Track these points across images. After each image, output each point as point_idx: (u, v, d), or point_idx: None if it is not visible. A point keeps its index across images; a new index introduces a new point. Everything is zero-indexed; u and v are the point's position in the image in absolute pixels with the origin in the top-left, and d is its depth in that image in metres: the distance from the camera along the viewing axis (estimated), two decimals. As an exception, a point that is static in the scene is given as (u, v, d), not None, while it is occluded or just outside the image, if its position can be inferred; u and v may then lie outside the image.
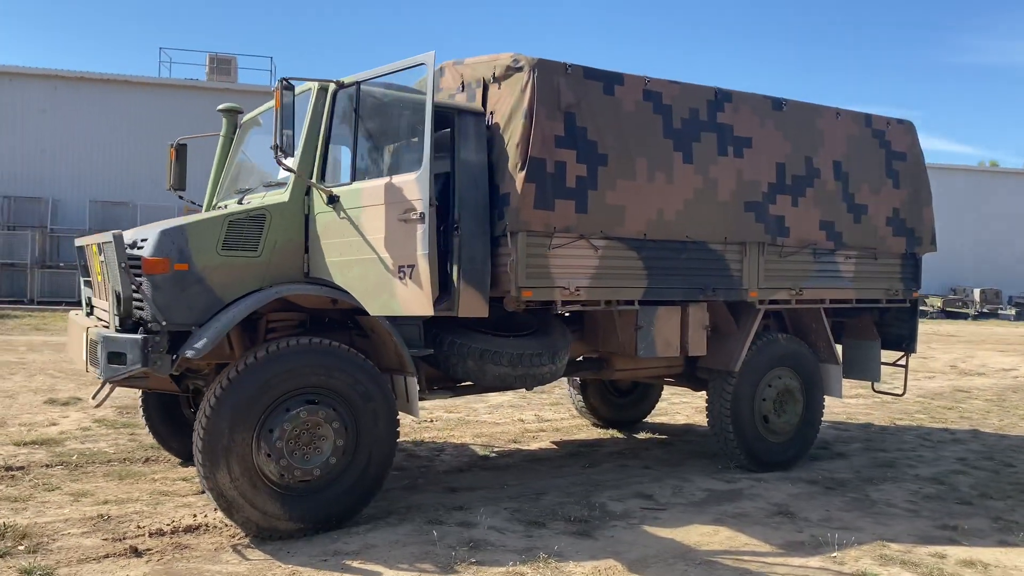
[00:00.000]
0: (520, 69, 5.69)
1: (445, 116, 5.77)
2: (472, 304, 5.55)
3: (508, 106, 5.71)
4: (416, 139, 5.24)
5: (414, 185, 4.66)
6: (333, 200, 5.03)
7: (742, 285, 6.65)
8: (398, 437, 5.33)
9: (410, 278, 4.64)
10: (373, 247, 4.82)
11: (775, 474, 6.88)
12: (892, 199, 7.51)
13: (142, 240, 4.90)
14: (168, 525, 5.09)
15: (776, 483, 6.62)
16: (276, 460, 4.81)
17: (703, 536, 5.31)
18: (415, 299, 4.64)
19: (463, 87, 6.25)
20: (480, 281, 5.56)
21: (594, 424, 8.73)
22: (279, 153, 4.69)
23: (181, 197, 6.97)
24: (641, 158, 6.07)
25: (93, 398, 5.46)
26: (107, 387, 5.15)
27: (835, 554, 5.05)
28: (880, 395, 9.04)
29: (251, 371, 4.78)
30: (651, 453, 7.66)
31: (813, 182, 6.99)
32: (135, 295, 4.80)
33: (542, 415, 9.29)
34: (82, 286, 6.15)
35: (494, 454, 7.36)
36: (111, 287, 4.89)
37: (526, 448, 7.66)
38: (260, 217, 5.09)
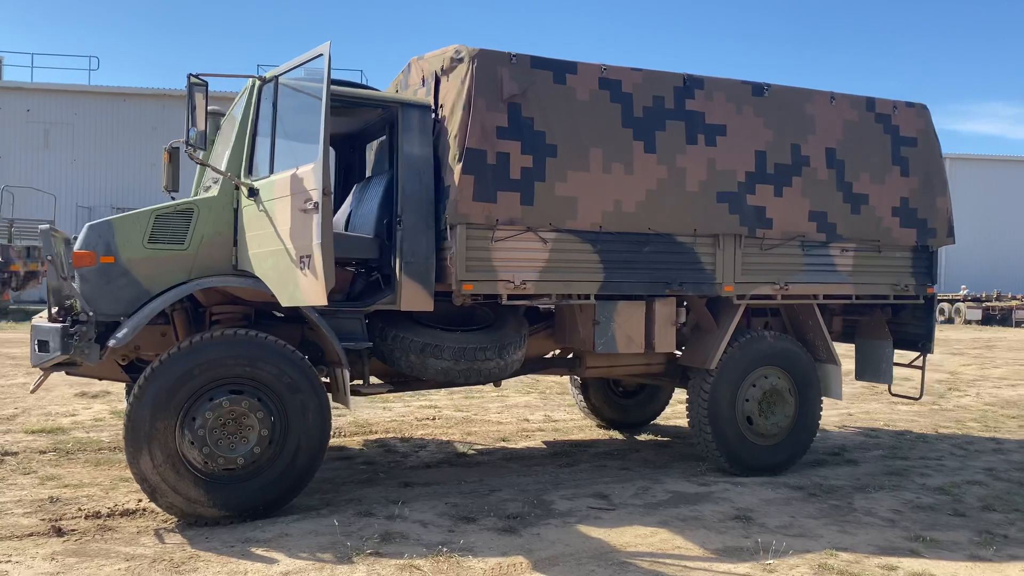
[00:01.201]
0: (461, 60, 5.65)
1: (389, 110, 5.81)
2: (415, 298, 5.56)
3: (452, 98, 5.69)
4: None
5: (311, 175, 4.69)
6: (253, 193, 5.13)
7: (715, 279, 6.34)
8: (330, 428, 5.37)
9: (308, 268, 4.67)
10: (281, 238, 4.88)
11: (759, 479, 6.51)
12: (900, 188, 6.99)
13: (77, 235, 5.15)
14: (108, 509, 5.30)
15: (755, 487, 6.27)
16: (199, 448, 4.93)
17: (637, 537, 5.09)
18: (312, 289, 4.66)
19: (423, 81, 6.26)
20: (423, 275, 5.57)
21: (599, 425, 8.50)
22: (187, 148, 4.82)
23: (173, 198, 7.26)
24: (596, 148, 5.90)
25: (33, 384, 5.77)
26: (42, 375, 5.41)
27: (770, 561, 4.74)
28: (914, 401, 8.44)
29: (173, 361, 4.93)
30: (640, 455, 7.40)
31: (801, 170, 6.60)
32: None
33: (552, 415, 9.13)
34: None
35: (473, 452, 7.30)
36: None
37: (512, 447, 7.55)
38: (188, 211, 5.25)
